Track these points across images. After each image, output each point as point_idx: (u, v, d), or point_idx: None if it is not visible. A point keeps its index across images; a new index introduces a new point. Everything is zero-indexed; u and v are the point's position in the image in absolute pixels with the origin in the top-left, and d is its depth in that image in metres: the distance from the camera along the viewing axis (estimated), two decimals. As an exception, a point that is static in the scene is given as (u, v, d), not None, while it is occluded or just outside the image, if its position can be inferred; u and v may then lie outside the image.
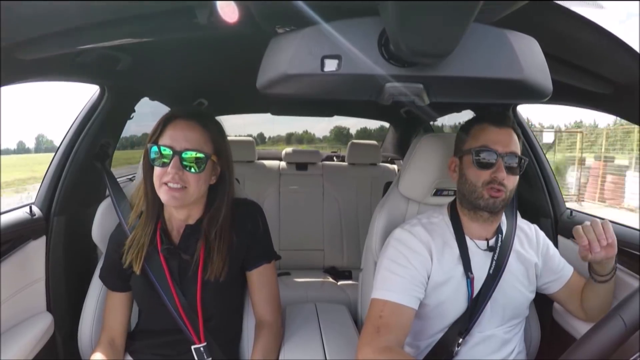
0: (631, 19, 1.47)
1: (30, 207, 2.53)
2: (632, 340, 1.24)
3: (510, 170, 2.00)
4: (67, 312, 2.63)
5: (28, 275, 2.43)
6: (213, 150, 2.04)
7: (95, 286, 2.39)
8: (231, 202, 2.17)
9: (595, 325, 1.28)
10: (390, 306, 1.95)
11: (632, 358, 1.22)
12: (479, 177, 2.03)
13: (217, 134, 2.08)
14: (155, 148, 1.97)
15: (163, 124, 2.02)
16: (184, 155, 1.95)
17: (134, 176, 2.49)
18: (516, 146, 2.05)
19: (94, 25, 1.50)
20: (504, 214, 2.26)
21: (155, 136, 2.00)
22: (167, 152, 1.95)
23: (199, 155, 1.97)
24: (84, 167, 2.73)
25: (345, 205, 5.14)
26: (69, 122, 2.81)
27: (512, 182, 2.02)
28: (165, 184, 1.95)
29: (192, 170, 1.97)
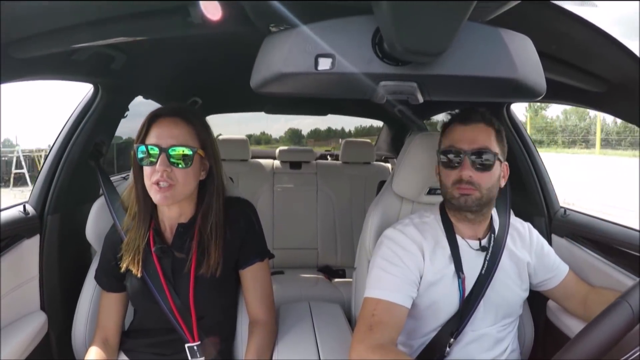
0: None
1: (24, 206, 2.53)
2: (635, 331, 1.24)
3: (479, 167, 1.99)
4: (61, 311, 2.63)
5: (22, 274, 2.43)
6: (199, 144, 2.05)
7: (90, 285, 2.39)
8: (222, 197, 2.18)
9: (603, 312, 1.28)
10: (383, 305, 1.95)
11: (634, 350, 1.23)
12: (449, 177, 2.04)
13: (202, 128, 2.09)
14: (142, 148, 1.98)
15: (148, 124, 2.02)
16: (170, 152, 1.95)
17: (128, 175, 2.49)
18: (487, 141, 2.03)
19: (88, 24, 1.50)
20: (496, 212, 2.27)
21: (141, 136, 2.01)
22: (154, 150, 1.96)
23: (186, 150, 1.98)
24: (78, 166, 2.72)
25: (339, 203, 5.15)
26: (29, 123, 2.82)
27: (484, 179, 2.00)
28: (156, 183, 1.96)
29: (180, 166, 1.97)
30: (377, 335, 1.88)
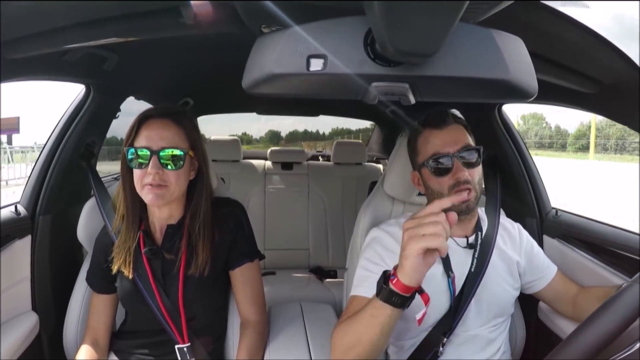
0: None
1: (16, 206, 2.53)
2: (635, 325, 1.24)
3: (469, 165, 2.01)
4: (52, 312, 2.62)
5: (13, 275, 2.42)
6: (189, 145, 2.06)
7: (81, 285, 2.39)
8: (211, 197, 2.19)
9: (615, 295, 1.27)
10: (360, 299, 1.95)
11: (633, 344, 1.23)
12: (443, 184, 2.02)
13: (192, 129, 2.10)
14: (132, 150, 1.98)
15: (137, 126, 2.03)
16: (161, 154, 1.96)
17: (120, 175, 2.50)
18: (467, 139, 2.06)
19: (80, 25, 1.49)
20: (485, 212, 2.29)
21: (130, 139, 2.01)
22: (145, 153, 1.96)
23: (177, 152, 1.99)
24: (69, 167, 2.72)
25: (330, 204, 5.17)
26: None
27: (475, 175, 2.02)
28: (148, 185, 1.96)
29: (171, 167, 1.98)
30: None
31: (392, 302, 1.55)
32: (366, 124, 7.09)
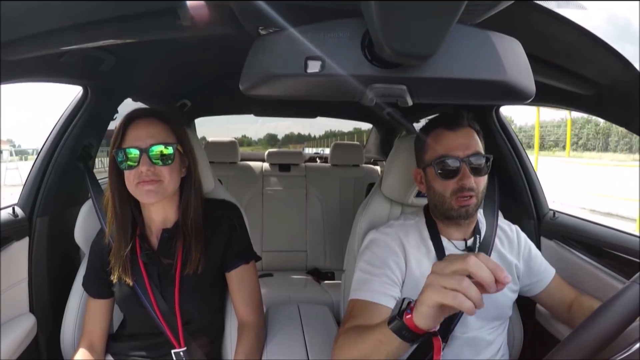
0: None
1: (13, 208, 2.52)
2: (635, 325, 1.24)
3: (476, 171, 1.99)
4: (50, 313, 2.62)
5: (11, 277, 2.42)
6: (177, 140, 2.06)
7: (78, 287, 2.38)
8: (201, 194, 2.19)
9: (613, 296, 1.28)
10: (362, 304, 1.95)
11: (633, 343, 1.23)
12: (446, 187, 2.00)
13: (177, 125, 2.11)
14: (121, 152, 1.98)
15: (123, 128, 2.02)
16: (151, 151, 1.96)
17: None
18: (478, 145, 2.03)
19: (77, 26, 1.49)
20: (483, 214, 2.27)
21: (118, 141, 2.01)
22: (134, 152, 1.96)
23: (166, 146, 1.99)
24: (67, 168, 2.71)
25: (328, 206, 5.17)
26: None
27: (480, 183, 2.00)
28: (140, 183, 1.96)
29: (162, 163, 1.99)
30: (352, 324, 1.86)
31: (402, 336, 1.48)
32: (357, 125, 7.12)
